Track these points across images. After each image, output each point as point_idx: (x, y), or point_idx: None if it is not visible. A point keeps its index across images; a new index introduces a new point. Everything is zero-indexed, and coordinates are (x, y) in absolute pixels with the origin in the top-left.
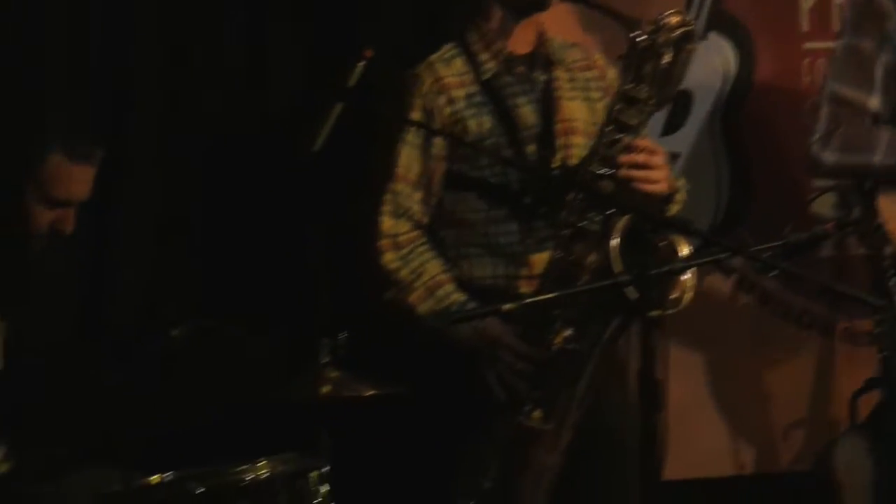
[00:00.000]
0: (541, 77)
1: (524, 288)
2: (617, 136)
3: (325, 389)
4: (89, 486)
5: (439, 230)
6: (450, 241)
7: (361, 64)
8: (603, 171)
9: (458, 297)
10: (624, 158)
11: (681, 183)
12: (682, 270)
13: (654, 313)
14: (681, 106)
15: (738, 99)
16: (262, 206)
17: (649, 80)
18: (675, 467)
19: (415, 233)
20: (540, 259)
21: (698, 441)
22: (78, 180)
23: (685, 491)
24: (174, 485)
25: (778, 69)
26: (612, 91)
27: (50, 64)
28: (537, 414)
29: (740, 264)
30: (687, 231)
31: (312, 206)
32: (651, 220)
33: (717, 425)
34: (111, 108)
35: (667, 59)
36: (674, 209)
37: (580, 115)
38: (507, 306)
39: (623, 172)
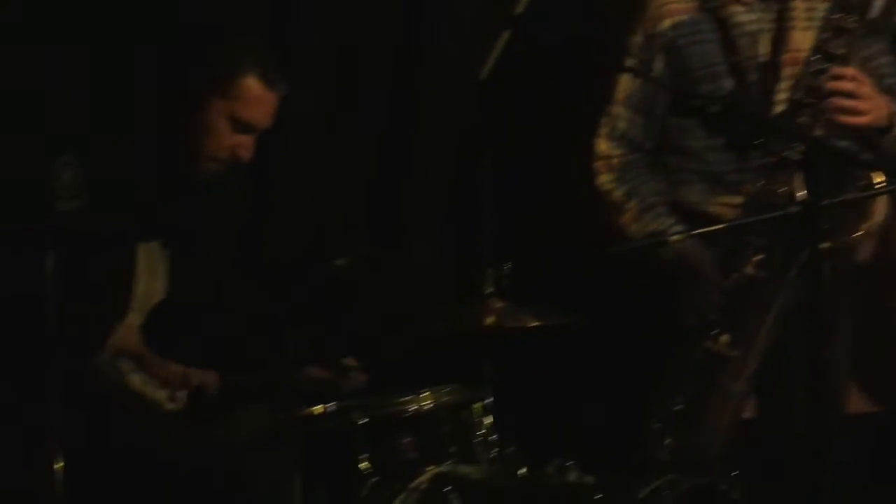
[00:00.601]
0: (774, 6)
1: (735, 214)
2: (823, 66)
3: (490, 320)
4: (255, 418)
5: (664, 156)
6: (672, 166)
7: None
8: (804, 99)
9: (667, 219)
10: (830, 85)
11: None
12: (858, 200)
13: (825, 245)
14: None
15: None
16: (427, 137)
17: (857, 9)
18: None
19: (632, 156)
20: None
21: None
22: (266, 106)
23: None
24: (338, 415)
25: None
26: None
27: None
28: (724, 339)
29: None
30: (858, 164)
31: (480, 139)
32: (824, 149)
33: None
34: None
35: None
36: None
37: (810, 45)
38: (674, 237)
39: (829, 101)
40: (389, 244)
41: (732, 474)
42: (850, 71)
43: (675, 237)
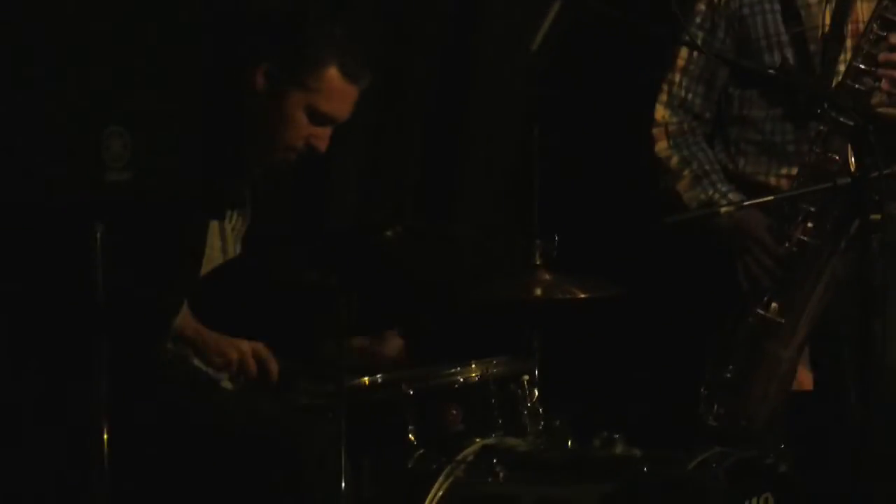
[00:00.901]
0: None
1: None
2: (881, 34)
3: (538, 291)
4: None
5: (725, 126)
6: (733, 136)
7: None
8: (862, 67)
9: (724, 187)
10: (884, 57)
11: None
12: None
13: (875, 217)
14: None
15: None
16: (479, 105)
17: None
18: None
19: (689, 124)
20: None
21: None
22: (345, 99)
23: None
24: (386, 386)
25: None
26: None
27: None
28: (775, 306)
29: None
30: None
31: (529, 107)
32: (872, 119)
33: None
34: None
35: None
36: None
37: None
38: (724, 209)
39: (882, 72)
40: (438, 215)
41: (780, 447)
42: None
43: (725, 209)
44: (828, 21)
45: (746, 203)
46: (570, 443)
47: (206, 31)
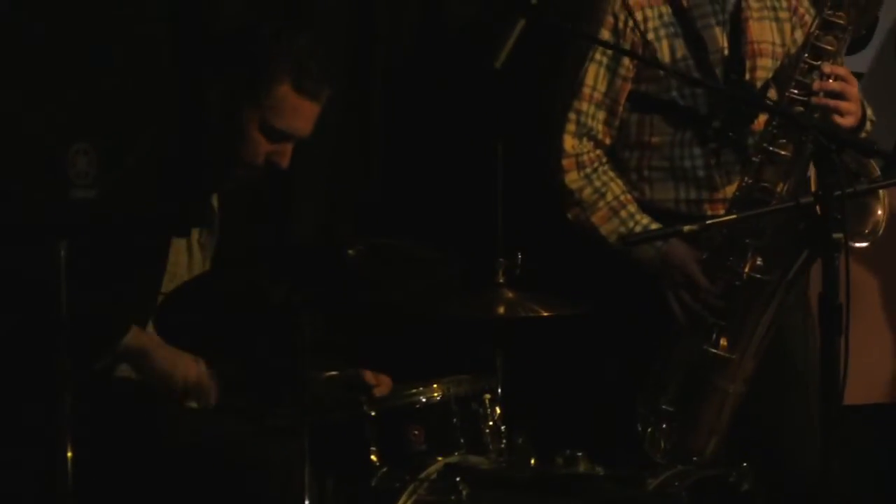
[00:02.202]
0: None
1: (707, 212)
2: (814, 63)
3: (501, 310)
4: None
5: (623, 152)
6: (633, 163)
7: None
8: (797, 96)
9: (642, 218)
10: (818, 85)
11: (870, 112)
12: (867, 192)
13: (837, 236)
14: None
15: None
16: (439, 127)
17: (849, 5)
18: (856, 392)
19: (597, 152)
20: (725, 183)
21: (877, 366)
22: (301, 115)
23: (865, 416)
24: (347, 407)
25: None
26: (798, 10)
27: None
28: (723, 342)
29: None
30: (870, 152)
31: (491, 124)
32: (835, 140)
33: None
34: None
35: None
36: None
37: (768, 36)
38: (687, 227)
39: (816, 100)
40: (400, 234)
41: (743, 465)
42: (842, 70)
43: (687, 227)
44: (726, 44)
45: (709, 222)
46: (532, 461)
47: (168, 48)
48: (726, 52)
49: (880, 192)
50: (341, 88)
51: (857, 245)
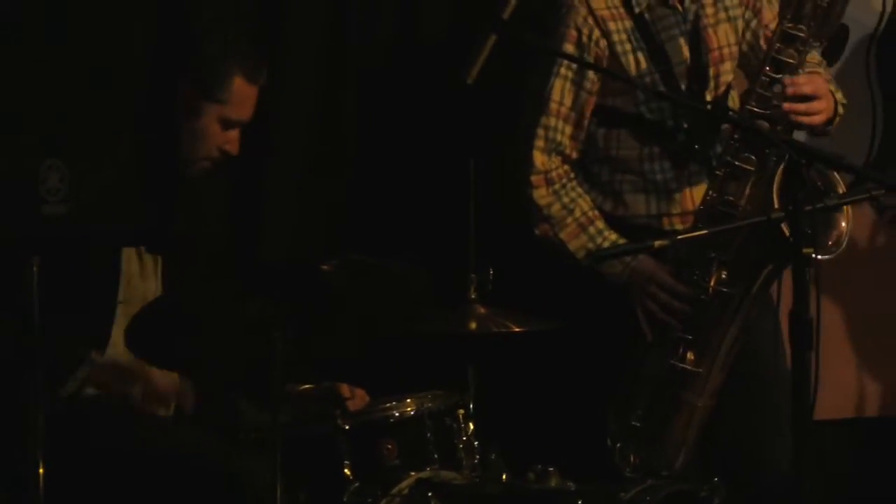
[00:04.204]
0: (691, 6)
1: (678, 226)
2: (775, 76)
3: (473, 325)
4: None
5: (592, 166)
6: (604, 177)
7: None
8: (757, 109)
9: (610, 234)
10: (790, 93)
11: (839, 96)
12: (837, 207)
13: (807, 251)
14: (838, 40)
15: (893, 34)
16: (412, 141)
17: (809, 18)
18: (826, 407)
19: (565, 167)
20: (693, 196)
21: (845, 381)
22: (251, 102)
23: (834, 431)
24: (321, 421)
25: None
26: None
27: None
28: (690, 356)
29: (893, 202)
30: (840, 166)
31: (463, 140)
32: (805, 155)
33: (863, 366)
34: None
35: None
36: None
37: (726, 39)
38: (658, 242)
39: (787, 105)
40: (374, 250)
41: (714, 480)
42: (801, 79)
43: (658, 242)
44: (688, 55)
45: (680, 237)
46: (504, 476)
47: (137, 61)
48: (689, 62)
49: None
50: (314, 105)
51: (822, 258)
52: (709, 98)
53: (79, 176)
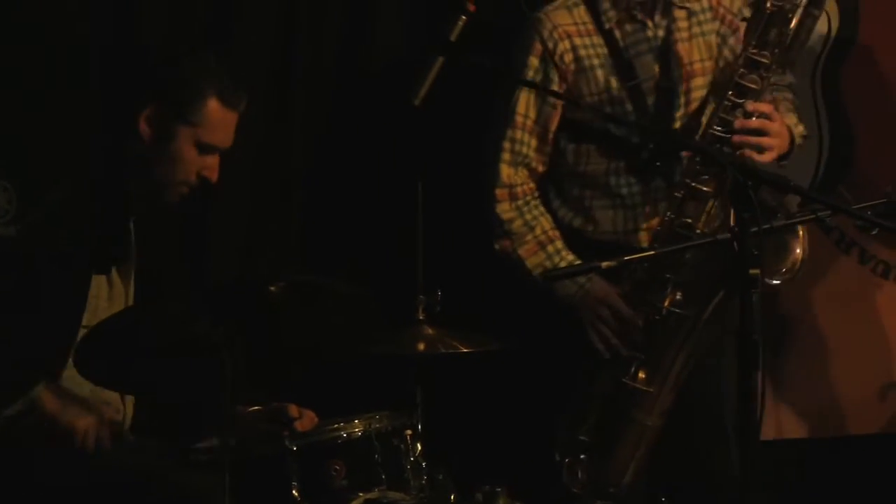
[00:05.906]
0: (662, 22)
1: (645, 242)
2: (738, 101)
3: (421, 346)
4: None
5: (563, 182)
6: (574, 193)
7: (464, 18)
8: (719, 133)
9: (567, 254)
10: (739, 123)
11: (801, 129)
12: (788, 229)
13: (754, 272)
14: None
15: (839, 56)
16: (361, 162)
17: (773, 45)
18: (772, 427)
19: (530, 184)
20: (660, 212)
21: (795, 401)
22: (228, 127)
23: (783, 450)
24: (269, 442)
25: (881, 26)
26: (727, 17)
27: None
28: (642, 375)
29: (840, 222)
30: (786, 188)
31: (411, 162)
32: (750, 176)
33: (814, 385)
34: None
35: (794, 23)
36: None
37: (699, 54)
38: (605, 263)
39: (736, 138)
40: (321, 270)
41: (662, 500)
42: (765, 107)
43: (606, 263)
44: (658, 70)
45: (626, 258)
46: (452, 497)
47: (92, 80)
48: (658, 78)
49: (799, 230)
50: (261, 125)
51: (774, 283)
52: (679, 113)
53: (27, 198)
